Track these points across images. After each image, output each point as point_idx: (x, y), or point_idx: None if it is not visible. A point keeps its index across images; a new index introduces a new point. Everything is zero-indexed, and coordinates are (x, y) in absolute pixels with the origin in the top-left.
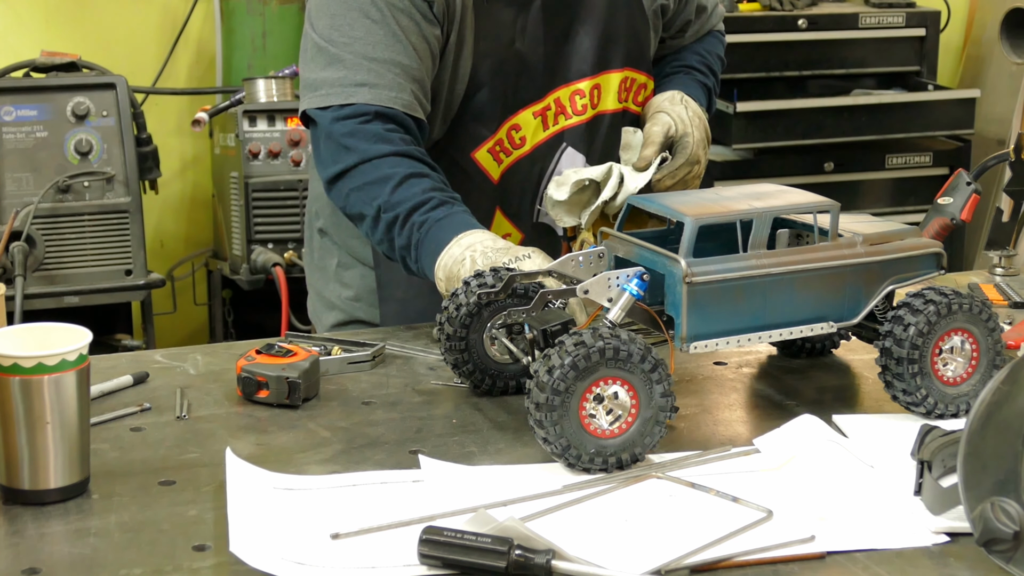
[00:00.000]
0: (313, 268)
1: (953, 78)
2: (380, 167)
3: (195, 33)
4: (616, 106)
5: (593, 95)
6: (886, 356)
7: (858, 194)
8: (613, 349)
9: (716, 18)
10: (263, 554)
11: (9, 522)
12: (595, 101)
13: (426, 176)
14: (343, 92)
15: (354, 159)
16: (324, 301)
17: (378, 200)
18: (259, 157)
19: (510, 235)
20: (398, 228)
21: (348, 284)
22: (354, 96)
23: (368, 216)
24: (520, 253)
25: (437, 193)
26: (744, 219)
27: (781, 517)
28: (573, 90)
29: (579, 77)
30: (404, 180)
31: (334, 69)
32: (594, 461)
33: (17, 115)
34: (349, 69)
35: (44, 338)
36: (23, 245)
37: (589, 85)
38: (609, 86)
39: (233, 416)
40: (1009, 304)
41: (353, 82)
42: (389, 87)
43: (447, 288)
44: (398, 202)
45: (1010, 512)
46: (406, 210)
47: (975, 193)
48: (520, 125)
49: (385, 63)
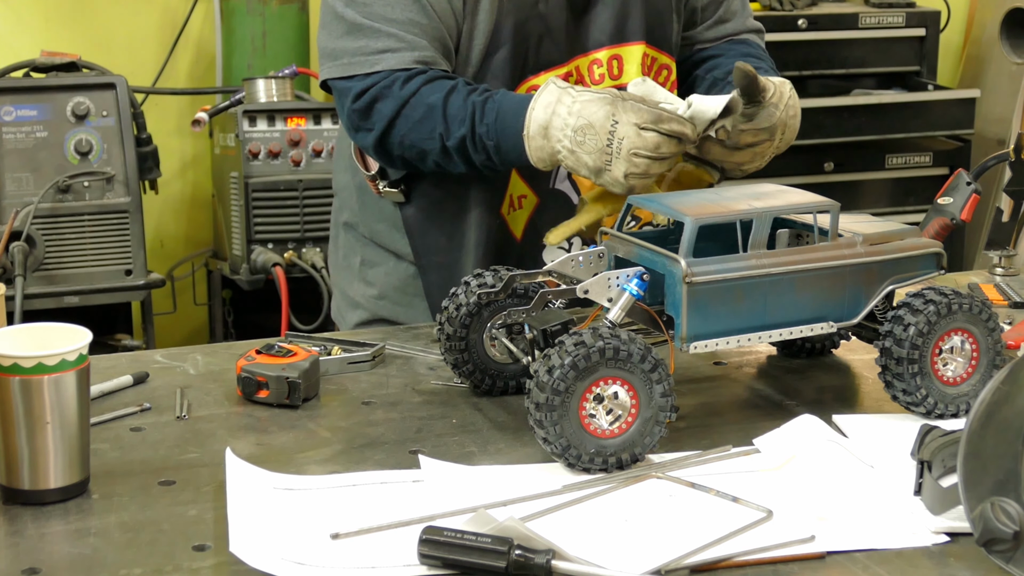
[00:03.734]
0: (338, 267)
1: (953, 78)
2: (419, 103)
3: (195, 33)
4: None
5: (612, 66)
6: (886, 356)
7: (858, 194)
8: (613, 349)
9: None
10: (263, 554)
11: (9, 522)
12: (614, 72)
13: (456, 88)
14: (366, 61)
15: (393, 107)
16: (348, 300)
17: (436, 131)
18: (259, 157)
19: (525, 197)
20: (471, 148)
21: (372, 282)
22: (378, 64)
23: (434, 150)
24: None
25: (475, 97)
26: (744, 219)
27: (781, 517)
28: (591, 59)
29: (597, 47)
30: (446, 101)
31: (354, 37)
32: (594, 461)
33: (17, 115)
34: (369, 37)
35: (44, 338)
36: (23, 245)
37: (607, 55)
38: (630, 58)
39: (233, 416)
40: (1009, 304)
41: (375, 50)
42: (411, 47)
43: (553, 147)
44: (454, 125)
45: (1010, 512)
46: (468, 128)
47: (975, 193)
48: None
49: (404, 24)
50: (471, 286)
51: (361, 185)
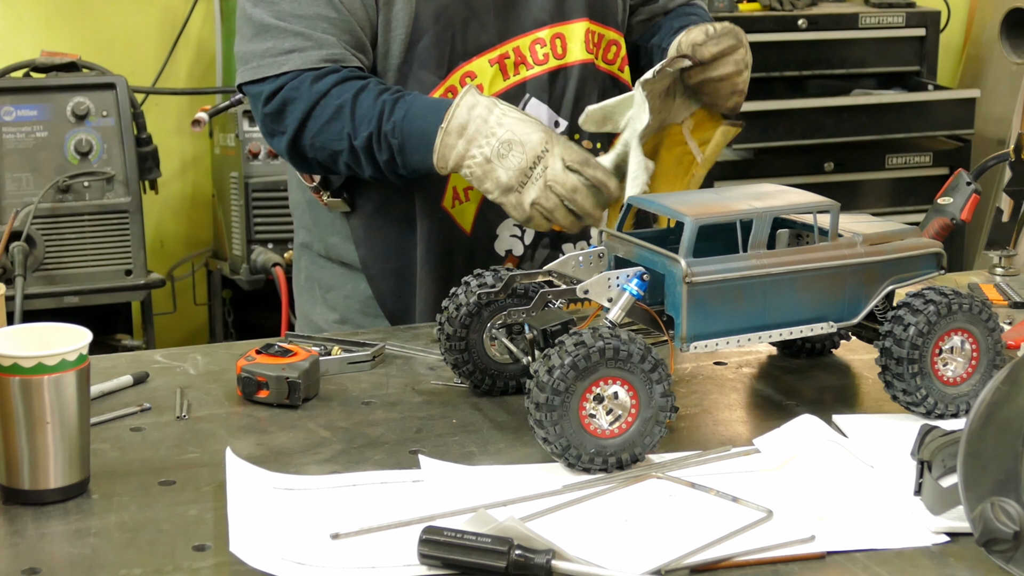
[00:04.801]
0: (300, 290)
1: (953, 78)
2: (329, 103)
3: (195, 33)
4: (584, 56)
5: (555, 44)
6: (886, 356)
7: (858, 194)
8: (613, 349)
9: None
10: (263, 554)
11: (9, 522)
12: (558, 51)
13: (367, 87)
14: (274, 63)
15: (301, 108)
16: (311, 324)
17: (344, 131)
18: (259, 157)
19: (471, 188)
20: (376, 146)
21: (334, 307)
22: (285, 65)
23: (343, 150)
24: None
25: (386, 96)
26: (744, 219)
27: (781, 517)
28: (533, 39)
29: (537, 26)
30: (355, 100)
31: (262, 39)
32: (594, 461)
33: (17, 115)
34: (276, 37)
35: (44, 338)
36: (23, 245)
37: (550, 34)
38: (573, 36)
39: (233, 416)
40: (1009, 304)
41: (282, 50)
42: (318, 45)
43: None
44: (361, 124)
45: (1010, 512)
46: (374, 126)
47: (975, 193)
48: (475, 72)
49: (312, 19)
50: (471, 286)
51: (311, 200)
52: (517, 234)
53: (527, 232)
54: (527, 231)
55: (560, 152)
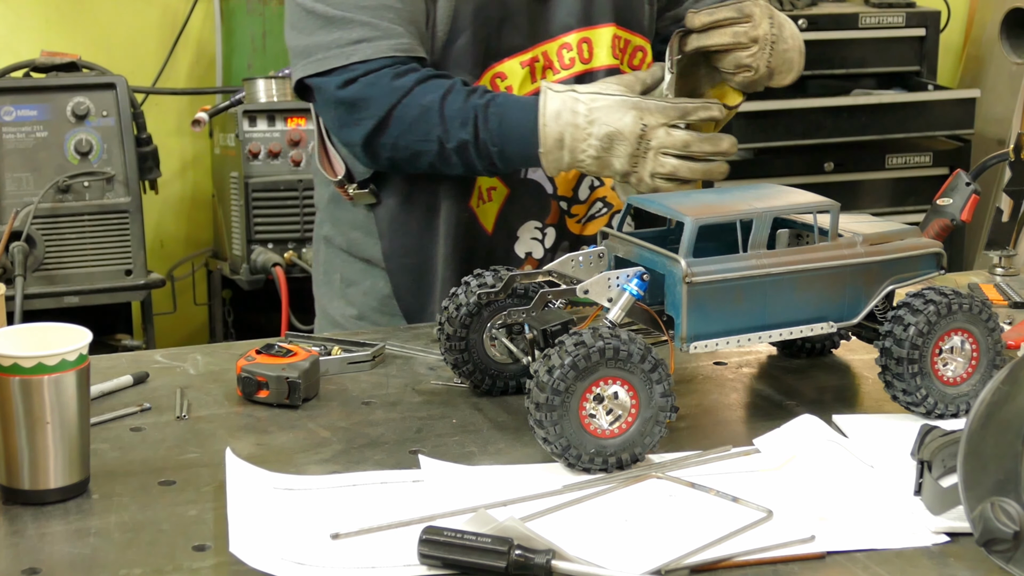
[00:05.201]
0: (319, 283)
1: (953, 78)
2: (414, 102)
3: (195, 33)
4: (610, 62)
5: (582, 49)
6: (886, 356)
7: (858, 194)
8: (613, 349)
9: None
10: (263, 554)
11: (9, 522)
12: (584, 56)
13: (453, 88)
14: (341, 53)
15: (384, 107)
16: (328, 318)
17: (433, 132)
18: (259, 157)
19: (495, 189)
20: (474, 152)
21: (352, 302)
22: (354, 55)
23: (431, 151)
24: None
25: (476, 100)
26: (744, 219)
27: (781, 517)
28: (560, 44)
29: (565, 30)
30: (443, 103)
31: (327, 31)
32: (594, 461)
33: (17, 115)
34: (343, 28)
35: (44, 338)
36: (23, 245)
37: (576, 39)
38: (599, 41)
39: (233, 416)
40: (1009, 304)
41: (349, 40)
42: (386, 35)
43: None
44: (454, 128)
45: (1010, 512)
46: (470, 134)
47: (975, 193)
48: (505, 73)
49: (376, 10)
50: (471, 286)
51: (334, 195)
52: (538, 237)
53: (547, 235)
54: (547, 234)
55: (656, 120)
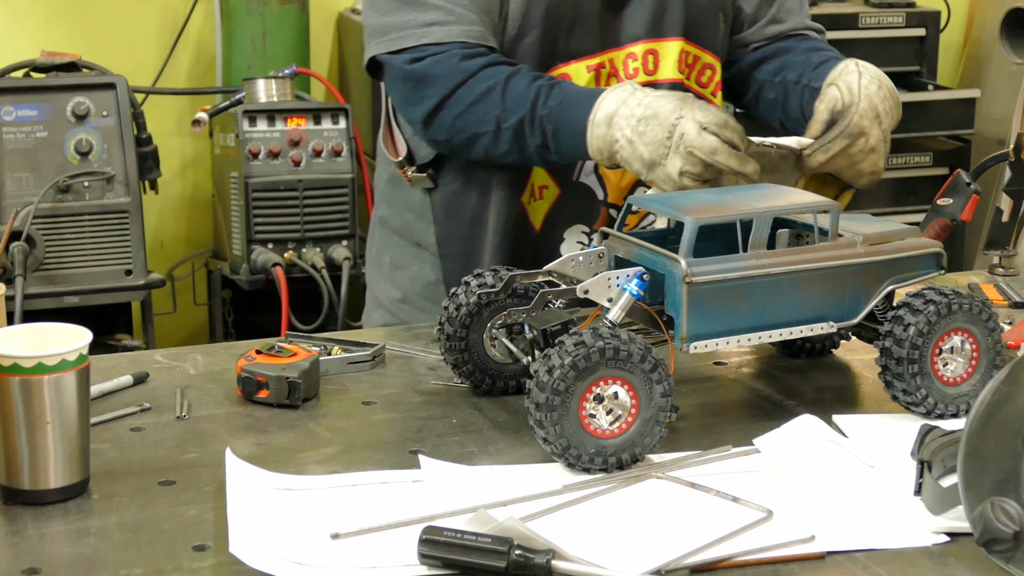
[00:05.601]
0: (371, 264)
1: (953, 78)
2: (477, 84)
3: (195, 33)
4: (675, 75)
5: (647, 60)
6: (886, 356)
7: (858, 194)
8: (613, 349)
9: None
10: (263, 554)
11: (9, 522)
12: (649, 68)
13: (519, 72)
14: (414, 34)
15: (448, 85)
16: (374, 299)
17: (492, 113)
18: (259, 157)
19: (547, 188)
20: (528, 131)
21: (398, 284)
22: (426, 36)
23: (487, 132)
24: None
25: (541, 83)
26: (744, 219)
27: (781, 517)
28: (626, 53)
29: (633, 40)
30: (507, 84)
31: (401, 12)
32: (594, 461)
33: (17, 115)
34: (417, 10)
35: (44, 338)
36: (23, 245)
37: (643, 49)
38: (666, 54)
39: (233, 416)
40: (1009, 304)
41: (423, 22)
42: (459, 21)
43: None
44: (513, 107)
45: (1010, 512)
46: (528, 110)
47: (975, 193)
48: (570, 76)
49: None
50: (471, 286)
51: (393, 175)
52: (584, 241)
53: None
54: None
55: (694, 115)
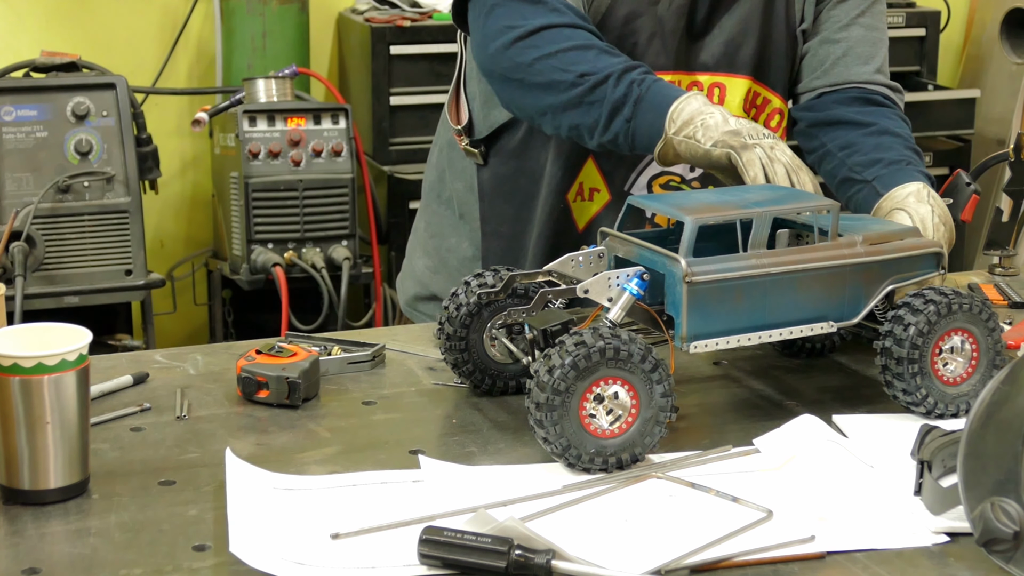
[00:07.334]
0: (414, 231)
1: (953, 78)
2: (572, 34)
3: (195, 33)
4: (739, 113)
5: (712, 92)
6: (886, 356)
7: None
8: (613, 349)
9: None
10: (263, 554)
11: (9, 522)
12: (713, 100)
13: (610, 49)
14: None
15: (537, 24)
16: (409, 267)
17: (580, 67)
18: (259, 157)
19: (598, 191)
20: (612, 84)
21: (430, 253)
22: None
23: (564, 81)
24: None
25: (632, 69)
26: (744, 219)
27: (781, 517)
28: (692, 80)
29: (702, 69)
30: (605, 51)
31: None
32: (594, 461)
33: (17, 115)
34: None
35: (44, 338)
36: (23, 245)
37: (709, 81)
38: (733, 90)
39: (233, 416)
40: (1009, 304)
41: None
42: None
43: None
44: (606, 66)
45: (1010, 512)
46: (619, 70)
47: (975, 193)
48: None
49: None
50: (471, 286)
51: (451, 141)
52: None
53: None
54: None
55: (784, 152)
